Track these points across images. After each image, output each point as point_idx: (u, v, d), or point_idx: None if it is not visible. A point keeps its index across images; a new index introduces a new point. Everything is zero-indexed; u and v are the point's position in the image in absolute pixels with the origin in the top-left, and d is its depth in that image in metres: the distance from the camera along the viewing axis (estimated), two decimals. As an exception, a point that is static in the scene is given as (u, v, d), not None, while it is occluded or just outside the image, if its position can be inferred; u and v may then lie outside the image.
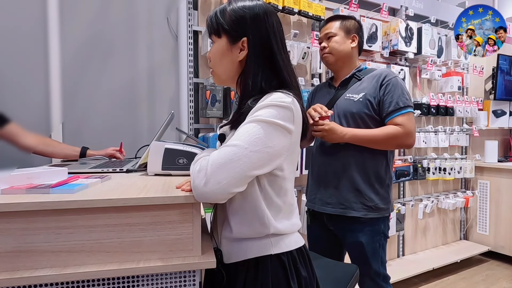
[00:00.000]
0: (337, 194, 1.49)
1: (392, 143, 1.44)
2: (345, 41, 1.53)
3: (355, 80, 1.53)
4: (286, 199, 0.87)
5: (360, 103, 1.46)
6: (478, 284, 2.68)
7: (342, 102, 1.51)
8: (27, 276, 0.68)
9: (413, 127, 1.44)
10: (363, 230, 1.48)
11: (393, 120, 1.42)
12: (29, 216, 0.70)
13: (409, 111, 1.43)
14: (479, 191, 3.28)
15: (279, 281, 0.83)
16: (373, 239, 1.49)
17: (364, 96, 1.46)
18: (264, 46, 0.86)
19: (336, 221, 1.52)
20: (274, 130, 0.78)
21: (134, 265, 0.74)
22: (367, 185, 1.47)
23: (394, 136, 1.41)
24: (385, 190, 1.51)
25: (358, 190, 1.46)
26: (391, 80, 1.45)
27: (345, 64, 1.56)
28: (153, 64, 2.03)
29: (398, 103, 1.42)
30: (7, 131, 1.35)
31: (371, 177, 1.48)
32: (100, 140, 1.79)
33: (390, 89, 1.43)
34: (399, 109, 1.41)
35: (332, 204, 1.50)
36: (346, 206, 1.47)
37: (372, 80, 1.48)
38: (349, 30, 1.54)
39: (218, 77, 0.94)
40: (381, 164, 1.50)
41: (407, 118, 1.42)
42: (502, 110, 3.46)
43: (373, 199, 1.47)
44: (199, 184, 0.74)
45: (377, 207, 1.47)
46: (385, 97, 1.44)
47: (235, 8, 0.87)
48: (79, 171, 1.13)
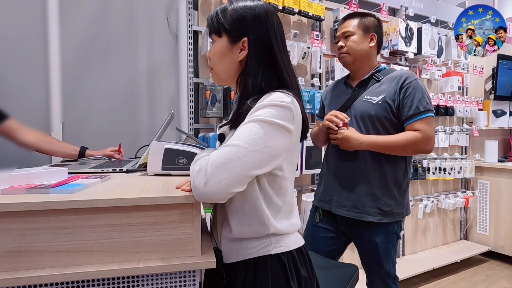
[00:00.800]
0: (353, 197, 1.45)
1: (410, 149, 1.40)
2: (363, 40, 1.48)
3: (373, 81, 1.48)
4: (285, 199, 0.87)
5: (379, 106, 1.41)
6: (478, 284, 2.68)
7: (360, 104, 1.46)
8: (27, 276, 0.68)
9: (433, 132, 1.40)
10: (377, 231, 1.45)
11: (413, 125, 1.38)
12: (29, 216, 0.70)
13: (429, 115, 1.39)
14: (479, 191, 3.28)
15: (278, 281, 0.83)
16: (387, 239, 1.46)
17: (384, 99, 1.41)
18: (264, 46, 0.86)
19: (350, 223, 1.49)
20: (273, 130, 0.78)
21: (134, 265, 0.74)
22: (384, 190, 1.44)
23: (413, 143, 1.37)
24: (401, 195, 1.47)
25: (374, 194, 1.43)
26: (411, 82, 1.40)
27: (363, 64, 1.51)
28: (153, 64, 2.03)
29: (418, 107, 1.37)
30: (6, 127, 1.34)
31: (389, 181, 1.44)
32: (100, 140, 1.79)
33: (411, 92, 1.39)
34: (419, 113, 1.37)
35: (347, 207, 1.46)
36: (361, 210, 1.43)
37: (392, 82, 1.43)
38: (367, 28, 1.48)
39: (217, 76, 0.94)
40: (399, 169, 1.46)
41: (427, 123, 1.38)
42: (502, 110, 3.46)
43: (389, 204, 1.43)
44: (199, 184, 0.74)
45: (392, 212, 1.44)
46: (405, 100, 1.39)
47: (236, 8, 0.87)
48: (79, 171, 1.13)
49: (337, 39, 1.55)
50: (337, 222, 1.54)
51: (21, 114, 1.45)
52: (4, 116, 1.35)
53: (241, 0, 0.88)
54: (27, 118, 1.46)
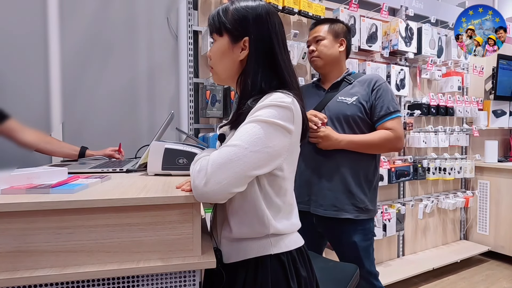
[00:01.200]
0: (330, 195, 1.51)
1: (385, 147, 1.50)
2: (334, 45, 1.56)
3: (345, 83, 1.56)
4: (285, 199, 0.87)
5: (353, 106, 1.49)
6: (478, 284, 2.68)
7: (334, 105, 1.53)
8: (27, 276, 0.68)
9: (402, 131, 1.51)
10: (355, 230, 1.51)
11: (384, 124, 1.48)
12: (29, 216, 0.70)
13: (398, 115, 1.50)
14: (479, 191, 3.28)
15: (278, 281, 0.83)
16: (365, 238, 1.53)
17: (357, 99, 1.50)
18: (265, 46, 0.86)
19: (327, 223, 1.53)
20: (274, 130, 0.78)
21: (134, 265, 0.74)
22: (358, 187, 1.51)
23: (387, 141, 1.47)
24: (372, 192, 1.56)
25: (350, 191, 1.50)
26: (381, 85, 1.50)
27: (334, 68, 1.59)
28: (153, 64, 2.03)
29: (388, 108, 1.48)
30: (7, 127, 1.34)
31: (362, 179, 1.52)
32: (100, 140, 1.79)
33: (381, 94, 1.49)
34: (390, 113, 1.48)
35: (324, 206, 1.51)
36: (339, 208, 1.49)
37: (364, 85, 1.52)
38: (337, 34, 1.56)
39: (218, 76, 0.94)
40: (370, 167, 1.54)
41: (397, 122, 1.49)
42: (502, 110, 3.46)
43: (363, 200, 1.51)
44: (199, 184, 0.74)
45: (367, 209, 1.52)
46: (377, 101, 1.49)
47: (237, 7, 0.87)
48: (79, 171, 1.13)
49: (308, 43, 1.63)
50: (313, 224, 1.57)
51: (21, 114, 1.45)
52: (5, 116, 1.35)
53: (242, 0, 0.89)
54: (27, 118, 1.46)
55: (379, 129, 1.49)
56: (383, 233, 2.63)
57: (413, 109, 2.82)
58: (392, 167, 2.65)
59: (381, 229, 2.60)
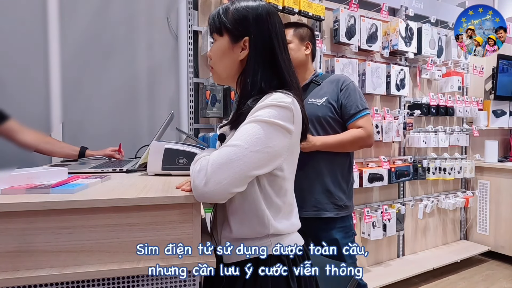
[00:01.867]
0: (310, 197, 1.54)
1: (357, 145, 1.55)
2: (300, 48, 1.58)
3: (314, 85, 1.60)
4: (285, 199, 0.87)
5: (324, 107, 1.53)
6: (478, 284, 2.68)
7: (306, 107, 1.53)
8: (27, 276, 0.68)
9: (372, 128, 1.57)
10: (336, 228, 1.55)
11: (355, 123, 1.53)
12: (29, 216, 0.70)
13: (367, 113, 1.55)
14: (479, 191, 3.28)
15: (278, 281, 0.83)
16: (346, 235, 1.57)
17: (327, 100, 1.54)
18: (265, 46, 0.86)
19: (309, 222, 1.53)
20: (274, 130, 0.78)
21: (134, 265, 0.74)
22: (336, 185, 1.55)
23: (359, 138, 1.52)
24: (350, 189, 1.61)
25: (329, 191, 1.54)
26: (349, 85, 1.54)
27: (301, 70, 1.60)
28: (153, 64, 2.03)
29: (358, 106, 1.53)
30: (6, 127, 1.34)
31: (339, 177, 1.56)
32: (100, 140, 1.79)
33: (350, 93, 1.53)
34: (359, 111, 1.52)
35: (305, 208, 1.53)
36: (319, 208, 1.54)
37: (332, 85, 1.56)
38: (302, 37, 1.59)
39: (218, 75, 0.94)
40: (345, 164, 1.59)
41: (366, 120, 1.54)
42: (502, 110, 3.46)
43: (342, 198, 1.56)
44: (199, 184, 0.74)
45: (346, 206, 1.57)
46: (346, 100, 1.53)
47: (238, 7, 0.87)
48: (79, 171, 1.13)
49: None
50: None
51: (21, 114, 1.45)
52: (4, 117, 1.35)
53: (243, 0, 0.89)
54: (27, 118, 1.46)
55: (350, 127, 1.54)
56: (383, 233, 2.63)
57: (413, 109, 2.82)
58: (392, 167, 2.65)
59: (381, 229, 2.60)
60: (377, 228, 2.56)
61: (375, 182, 2.52)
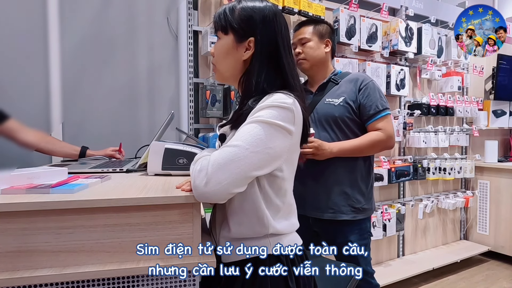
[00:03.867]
0: (326, 198, 1.51)
1: (376, 149, 1.50)
2: (319, 46, 1.54)
3: (332, 84, 1.55)
4: (285, 200, 0.87)
5: (341, 107, 1.49)
6: (478, 284, 2.68)
7: (323, 107, 1.52)
8: (27, 276, 0.68)
9: (393, 129, 1.51)
10: (352, 230, 1.51)
11: (374, 124, 1.48)
12: (29, 216, 0.70)
13: (388, 113, 1.49)
14: (479, 191, 3.28)
15: (277, 281, 0.83)
16: (362, 237, 1.53)
17: (344, 100, 1.49)
18: (270, 48, 0.86)
19: (324, 223, 1.53)
20: (274, 131, 0.78)
21: (134, 265, 0.74)
22: (354, 187, 1.51)
23: (378, 142, 1.47)
24: (369, 190, 1.56)
25: (346, 193, 1.50)
26: (368, 84, 1.49)
27: (320, 69, 1.57)
28: (153, 64, 2.03)
29: (377, 106, 1.47)
30: (7, 127, 1.34)
31: (357, 179, 1.52)
32: (100, 140, 1.79)
33: (369, 92, 1.48)
34: (378, 112, 1.47)
35: (321, 209, 1.51)
36: (335, 210, 1.50)
37: (350, 84, 1.51)
38: (322, 35, 1.55)
39: (220, 74, 0.94)
40: (365, 165, 1.55)
41: (387, 121, 1.48)
42: (502, 110, 3.46)
43: (360, 200, 1.51)
44: (200, 184, 0.74)
45: (363, 208, 1.52)
46: (365, 100, 1.48)
47: (245, 7, 0.87)
48: (79, 171, 1.13)
49: (293, 46, 1.59)
50: (310, 223, 1.56)
51: (21, 114, 1.45)
52: (5, 117, 1.35)
53: (250, 0, 0.88)
54: (27, 118, 1.46)
55: (369, 128, 1.49)
56: (383, 233, 2.63)
57: (413, 109, 2.82)
58: (392, 167, 2.65)
59: (381, 229, 2.60)
60: (377, 228, 2.56)
61: (375, 182, 2.52)
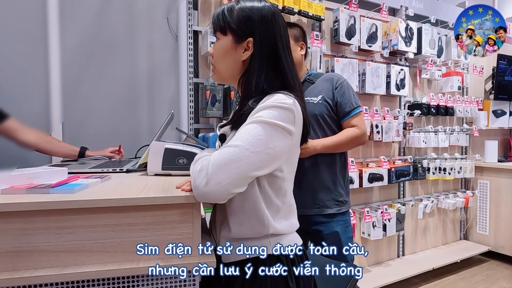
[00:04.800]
0: (311, 195, 1.56)
1: (353, 144, 1.59)
2: (295, 49, 1.59)
3: (308, 83, 1.62)
4: (285, 200, 0.87)
5: (320, 105, 1.56)
6: (478, 284, 2.68)
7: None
8: (27, 276, 0.68)
9: (365, 125, 1.61)
10: (337, 221, 1.59)
11: (349, 121, 1.56)
12: (29, 216, 0.70)
13: (360, 110, 1.59)
14: (479, 191, 3.28)
15: (277, 281, 0.83)
16: (346, 229, 1.61)
17: (322, 98, 1.56)
18: (269, 48, 0.86)
19: (311, 220, 1.58)
20: (275, 131, 0.78)
21: (134, 265, 0.74)
22: (335, 182, 1.59)
23: (355, 138, 1.55)
24: (346, 184, 1.66)
25: (328, 187, 1.58)
26: (343, 83, 1.58)
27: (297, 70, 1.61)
28: (153, 64, 2.03)
29: (352, 104, 1.56)
30: (7, 127, 1.34)
31: (337, 173, 1.60)
32: (100, 140, 1.79)
33: (344, 91, 1.56)
34: (353, 109, 1.56)
35: (307, 206, 1.55)
36: (320, 205, 1.57)
37: (326, 83, 1.59)
38: (297, 38, 1.60)
39: (219, 74, 0.94)
40: (341, 160, 1.62)
41: (360, 118, 1.58)
42: (502, 110, 3.46)
43: (341, 193, 1.60)
44: (200, 184, 0.74)
45: (345, 201, 1.62)
46: (341, 98, 1.56)
47: (243, 7, 0.87)
48: (79, 171, 1.12)
49: None
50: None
51: (21, 114, 1.45)
52: (4, 116, 1.35)
53: (248, 0, 0.88)
54: (27, 118, 1.46)
55: (344, 125, 1.57)
56: (383, 233, 2.63)
57: (413, 109, 2.82)
58: (392, 167, 2.65)
59: (381, 229, 2.60)
60: (377, 228, 2.56)
61: (375, 182, 2.52)
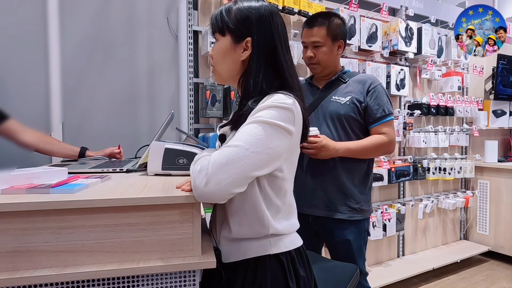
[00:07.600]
0: (323, 195, 1.50)
1: (379, 152, 1.52)
2: (333, 50, 1.50)
3: (340, 82, 1.54)
4: (285, 200, 0.87)
5: (347, 106, 1.48)
6: (478, 284, 2.68)
7: (328, 104, 1.52)
8: (27, 276, 0.68)
9: (395, 134, 1.52)
10: (349, 228, 1.51)
11: (378, 127, 1.48)
12: (29, 216, 0.70)
13: (392, 118, 1.50)
14: (479, 191, 3.28)
15: (277, 281, 0.83)
16: (359, 237, 1.52)
17: (351, 99, 1.48)
18: (268, 47, 0.86)
19: (322, 221, 1.53)
20: (275, 131, 0.78)
21: (134, 265, 0.74)
22: (353, 188, 1.50)
23: (381, 146, 1.47)
24: (368, 192, 1.56)
25: (344, 192, 1.49)
26: (377, 87, 1.49)
27: (331, 69, 1.56)
28: (153, 64, 2.02)
29: (384, 110, 1.47)
30: (6, 127, 1.34)
31: (356, 180, 1.51)
32: (100, 140, 1.79)
33: (377, 95, 1.47)
34: (384, 116, 1.47)
35: (317, 206, 1.51)
36: (332, 208, 1.50)
37: (358, 85, 1.50)
38: (335, 35, 1.49)
39: (219, 75, 0.94)
40: (364, 167, 1.54)
41: (390, 126, 1.49)
42: (502, 110, 3.46)
43: (358, 201, 1.51)
44: (200, 184, 0.74)
45: (361, 209, 1.51)
46: (373, 103, 1.47)
47: (241, 7, 0.87)
48: (79, 171, 1.12)
49: (303, 43, 1.55)
50: (310, 223, 1.55)
51: (21, 114, 1.45)
52: (4, 117, 1.35)
53: (245, 0, 0.88)
54: (27, 118, 1.46)
55: (372, 131, 1.49)
56: (383, 233, 2.63)
57: (413, 109, 2.82)
58: (392, 167, 2.65)
59: (381, 229, 2.60)
60: (377, 228, 2.56)
61: (375, 182, 2.52)
